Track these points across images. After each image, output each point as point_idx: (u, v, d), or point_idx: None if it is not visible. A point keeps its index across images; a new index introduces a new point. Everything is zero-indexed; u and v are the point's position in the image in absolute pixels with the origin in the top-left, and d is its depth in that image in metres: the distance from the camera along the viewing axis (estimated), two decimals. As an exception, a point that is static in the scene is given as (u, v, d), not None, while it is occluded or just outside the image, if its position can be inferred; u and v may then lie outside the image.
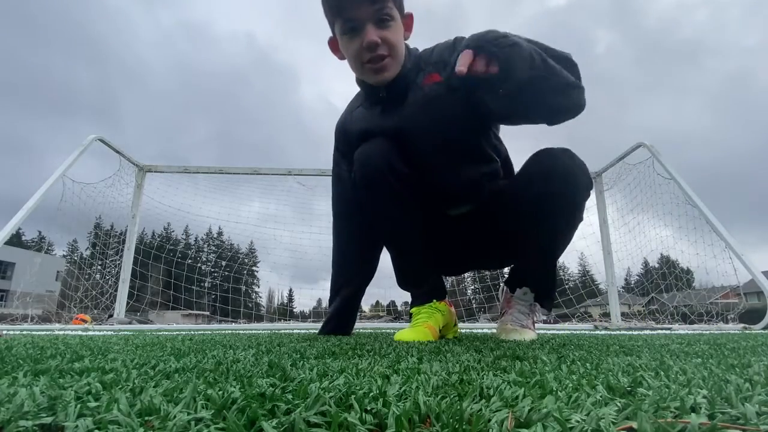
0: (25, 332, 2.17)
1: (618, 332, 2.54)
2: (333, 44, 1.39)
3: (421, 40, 1.43)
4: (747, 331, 2.63)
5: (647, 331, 2.71)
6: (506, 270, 1.89)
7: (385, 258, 1.61)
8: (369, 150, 1.37)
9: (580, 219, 1.35)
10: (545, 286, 1.46)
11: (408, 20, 1.38)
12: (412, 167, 1.39)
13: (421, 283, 1.48)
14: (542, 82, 1.06)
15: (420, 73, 1.37)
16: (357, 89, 1.52)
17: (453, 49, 1.31)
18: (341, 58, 1.39)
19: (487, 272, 5.29)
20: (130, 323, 4.15)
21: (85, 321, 4.06)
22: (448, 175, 1.44)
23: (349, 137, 1.49)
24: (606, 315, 5.28)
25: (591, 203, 4.78)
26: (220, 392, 0.37)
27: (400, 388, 0.40)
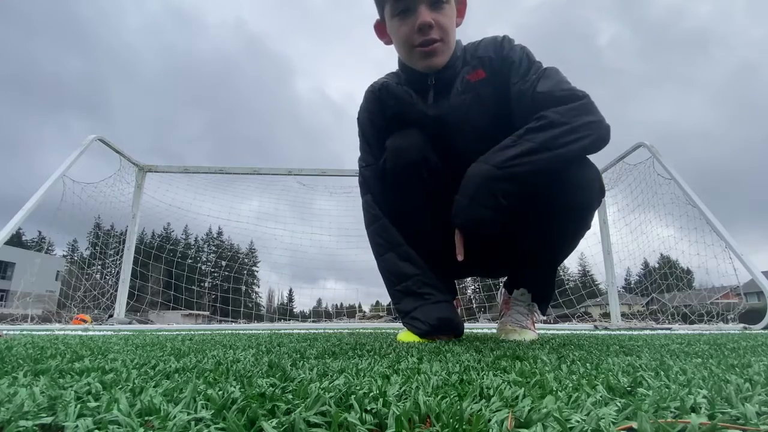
0: (25, 332, 2.17)
1: (618, 332, 2.54)
2: (380, 27, 1.36)
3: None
4: (747, 331, 2.62)
5: (647, 331, 2.71)
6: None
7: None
8: (404, 141, 1.32)
9: (588, 227, 1.31)
10: (543, 289, 1.44)
11: (461, 6, 1.31)
12: (444, 163, 1.34)
13: None
14: (540, 173, 1.13)
15: (466, 66, 1.32)
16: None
17: (501, 48, 1.29)
18: (387, 42, 1.35)
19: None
20: (130, 323, 4.15)
21: (85, 321, 4.06)
22: None
23: (385, 105, 1.40)
24: (606, 315, 5.28)
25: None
26: (220, 392, 0.37)
27: (400, 388, 0.40)
